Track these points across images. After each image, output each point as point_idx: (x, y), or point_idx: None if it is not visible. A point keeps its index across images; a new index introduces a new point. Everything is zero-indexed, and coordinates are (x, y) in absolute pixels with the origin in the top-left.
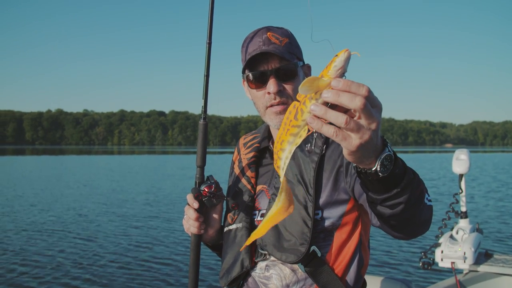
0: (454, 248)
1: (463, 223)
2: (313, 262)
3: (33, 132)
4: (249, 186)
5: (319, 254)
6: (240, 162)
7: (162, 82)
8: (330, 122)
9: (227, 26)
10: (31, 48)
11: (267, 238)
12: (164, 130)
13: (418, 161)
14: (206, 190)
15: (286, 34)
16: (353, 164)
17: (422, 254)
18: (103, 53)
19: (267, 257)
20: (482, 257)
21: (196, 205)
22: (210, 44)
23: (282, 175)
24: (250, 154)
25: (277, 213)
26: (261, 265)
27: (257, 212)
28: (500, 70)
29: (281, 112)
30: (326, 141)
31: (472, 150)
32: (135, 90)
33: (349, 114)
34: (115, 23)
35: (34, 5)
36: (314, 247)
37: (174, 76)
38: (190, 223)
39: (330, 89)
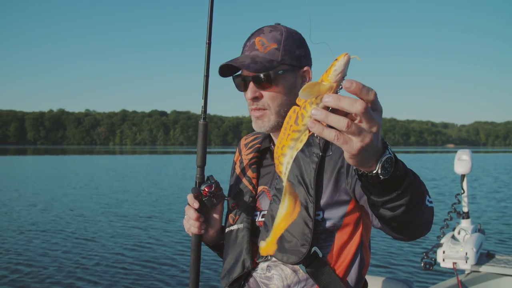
0: (456, 248)
1: (465, 224)
2: (314, 263)
3: (35, 132)
4: (250, 187)
5: (320, 255)
6: (241, 162)
7: (164, 82)
8: (331, 126)
9: (229, 26)
10: (33, 47)
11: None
12: (165, 130)
13: (419, 161)
14: (206, 190)
15: (276, 39)
16: (353, 166)
17: (424, 254)
18: (105, 53)
19: (268, 257)
20: (484, 257)
21: (196, 205)
22: (209, 44)
23: (284, 180)
24: (251, 155)
25: (285, 215)
26: (262, 265)
27: (258, 212)
28: (502, 70)
29: (258, 117)
30: (327, 141)
31: (474, 150)
32: (137, 90)
33: (349, 117)
34: (117, 23)
35: (36, 4)
36: (315, 248)
37: (176, 76)
38: (190, 223)
39: (331, 93)
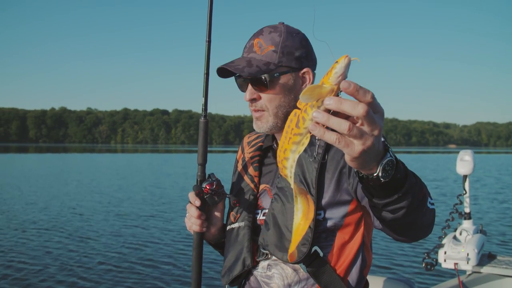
0: (458, 249)
1: (467, 224)
2: (315, 262)
3: (36, 130)
4: (252, 185)
5: (321, 254)
6: (243, 160)
7: (166, 81)
8: (332, 129)
9: (231, 25)
10: (35, 46)
11: (269, 237)
12: (167, 129)
13: (421, 161)
14: (208, 187)
15: (275, 40)
16: (354, 169)
17: (425, 254)
18: (107, 51)
19: (269, 256)
20: (486, 258)
21: (198, 202)
22: (209, 42)
23: (292, 183)
24: (254, 153)
25: (303, 216)
26: (263, 264)
27: (259, 211)
28: (504, 71)
29: (258, 118)
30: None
31: (475, 151)
32: (139, 88)
33: (351, 120)
34: (119, 22)
35: (38, 2)
36: (316, 247)
37: (178, 75)
38: (192, 221)
39: (332, 96)
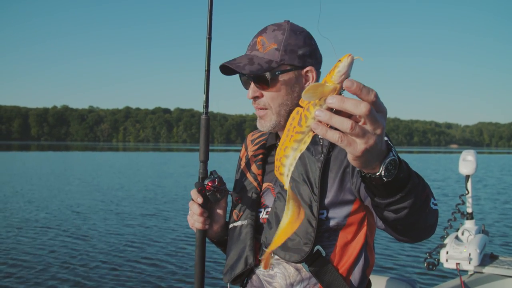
0: (460, 249)
1: (469, 224)
2: (317, 262)
3: (38, 128)
4: (255, 183)
5: (324, 253)
6: (247, 158)
7: (167, 79)
8: (334, 128)
9: (232, 24)
10: (37, 44)
11: (271, 236)
12: (169, 128)
13: (423, 161)
14: (210, 184)
15: (277, 39)
16: (357, 168)
17: (427, 254)
18: (109, 49)
19: (272, 255)
20: (487, 258)
21: (200, 200)
22: (210, 39)
23: (287, 183)
24: (257, 151)
25: (289, 223)
26: None
27: (262, 209)
28: (506, 71)
29: (261, 117)
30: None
31: (477, 151)
32: (141, 87)
33: (353, 119)
34: (121, 20)
35: (39, 0)
36: (318, 247)
37: (180, 73)
38: (194, 219)
39: (335, 94)
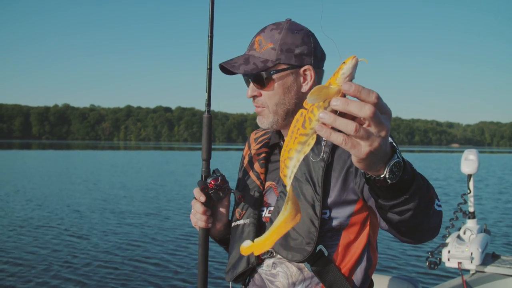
0: (461, 248)
1: (471, 224)
2: (319, 261)
3: (40, 126)
4: (258, 182)
5: (326, 253)
6: (250, 157)
7: (169, 78)
8: (339, 130)
9: (233, 23)
10: (38, 42)
11: None
12: (170, 126)
13: (424, 160)
14: (213, 183)
15: (274, 38)
16: (361, 170)
17: (429, 253)
18: (110, 48)
19: (274, 254)
20: (489, 258)
21: (203, 198)
22: (211, 37)
23: (289, 184)
24: (260, 150)
25: (283, 222)
26: (267, 262)
27: (265, 208)
28: (507, 70)
29: (259, 114)
30: None
31: (479, 150)
32: (142, 86)
33: (357, 121)
34: (122, 18)
35: None
36: (321, 246)
37: (181, 72)
38: (197, 217)
39: (339, 97)
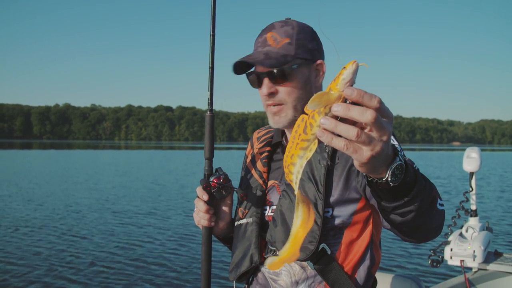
0: (464, 246)
1: (473, 222)
2: (322, 260)
3: (40, 126)
4: (260, 181)
5: (329, 251)
6: (253, 156)
7: (170, 77)
8: (340, 135)
9: (234, 22)
10: (39, 41)
11: (277, 234)
12: (171, 126)
13: (425, 159)
14: (215, 181)
15: (289, 33)
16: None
17: (431, 251)
18: (111, 47)
19: (277, 253)
20: (492, 255)
21: (205, 197)
22: (213, 36)
23: (296, 189)
24: (263, 149)
25: (300, 229)
26: None
27: (267, 207)
28: (508, 69)
29: (275, 113)
30: None
31: (480, 148)
32: (143, 85)
33: (359, 126)
34: (123, 18)
35: None
36: (323, 245)
37: (182, 71)
38: (200, 216)
39: (340, 102)
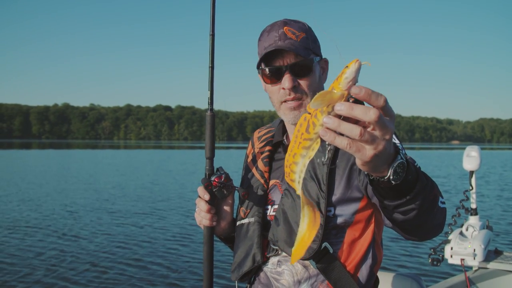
0: (464, 245)
1: (473, 220)
2: (324, 259)
3: (39, 126)
4: (262, 180)
5: (331, 250)
6: (254, 155)
7: (169, 77)
8: (343, 134)
9: (234, 22)
10: (38, 41)
11: (279, 234)
12: (170, 125)
13: (425, 158)
14: (216, 180)
15: (303, 29)
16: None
17: (432, 250)
18: (110, 47)
19: (279, 252)
20: (492, 254)
21: (207, 196)
22: (213, 36)
23: (299, 189)
24: (264, 148)
25: (308, 230)
26: (273, 260)
27: (269, 206)
28: (507, 67)
29: (295, 108)
30: None
31: (480, 147)
32: (142, 84)
33: (361, 124)
34: (122, 17)
35: None
36: (326, 244)
37: (181, 71)
38: (202, 215)
39: (343, 101)
